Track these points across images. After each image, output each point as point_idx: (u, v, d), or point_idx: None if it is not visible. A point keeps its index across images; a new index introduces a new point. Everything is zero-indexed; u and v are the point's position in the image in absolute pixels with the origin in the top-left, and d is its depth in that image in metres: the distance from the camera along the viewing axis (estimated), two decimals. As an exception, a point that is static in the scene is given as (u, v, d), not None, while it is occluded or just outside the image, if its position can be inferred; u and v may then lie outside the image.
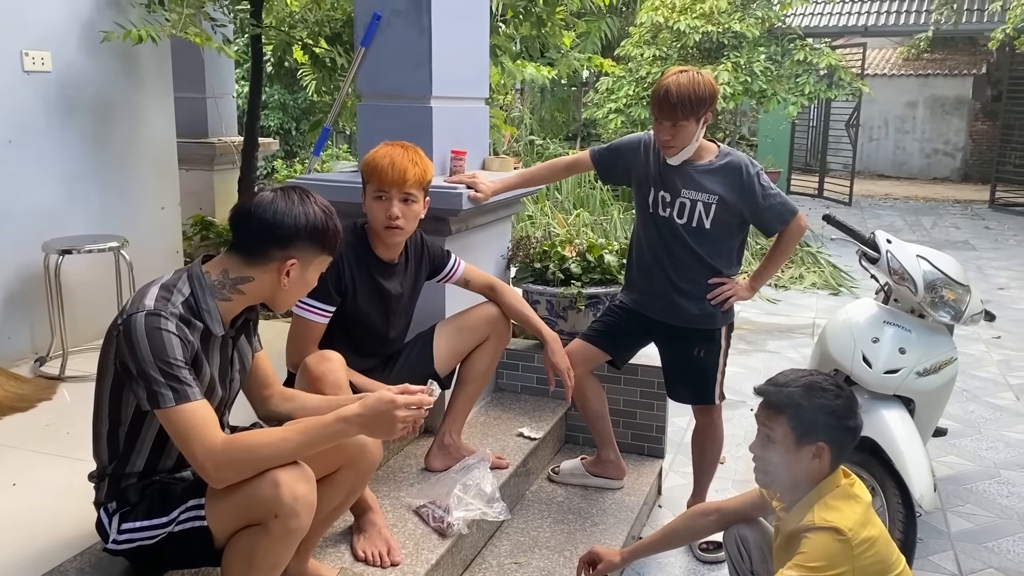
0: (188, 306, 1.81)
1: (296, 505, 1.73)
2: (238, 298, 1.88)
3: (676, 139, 2.79)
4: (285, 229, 1.83)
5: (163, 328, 1.73)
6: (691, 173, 2.86)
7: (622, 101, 10.51)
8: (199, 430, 1.70)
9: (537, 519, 3.05)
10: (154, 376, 1.70)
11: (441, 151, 3.34)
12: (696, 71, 2.78)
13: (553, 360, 2.87)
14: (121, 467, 1.89)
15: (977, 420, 4.59)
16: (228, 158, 5.68)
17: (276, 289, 1.89)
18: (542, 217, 8.03)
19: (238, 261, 1.87)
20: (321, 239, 1.89)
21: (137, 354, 1.71)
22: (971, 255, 9.46)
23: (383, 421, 1.77)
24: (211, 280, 1.85)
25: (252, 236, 1.85)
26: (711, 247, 2.90)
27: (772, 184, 2.91)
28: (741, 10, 10.19)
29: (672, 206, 2.89)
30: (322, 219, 1.88)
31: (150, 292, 1.80)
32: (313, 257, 1.91)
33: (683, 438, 4.09)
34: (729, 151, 2.93)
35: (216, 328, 1.84)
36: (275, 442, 1.74)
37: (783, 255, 3.06)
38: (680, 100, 2.70)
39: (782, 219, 2.90)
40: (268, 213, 1.83)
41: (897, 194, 15.55)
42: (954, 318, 3.11)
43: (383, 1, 3.29)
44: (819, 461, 2.10)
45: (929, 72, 18.22)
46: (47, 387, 3.31)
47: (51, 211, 3.75)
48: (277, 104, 10.76)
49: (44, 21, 3.66)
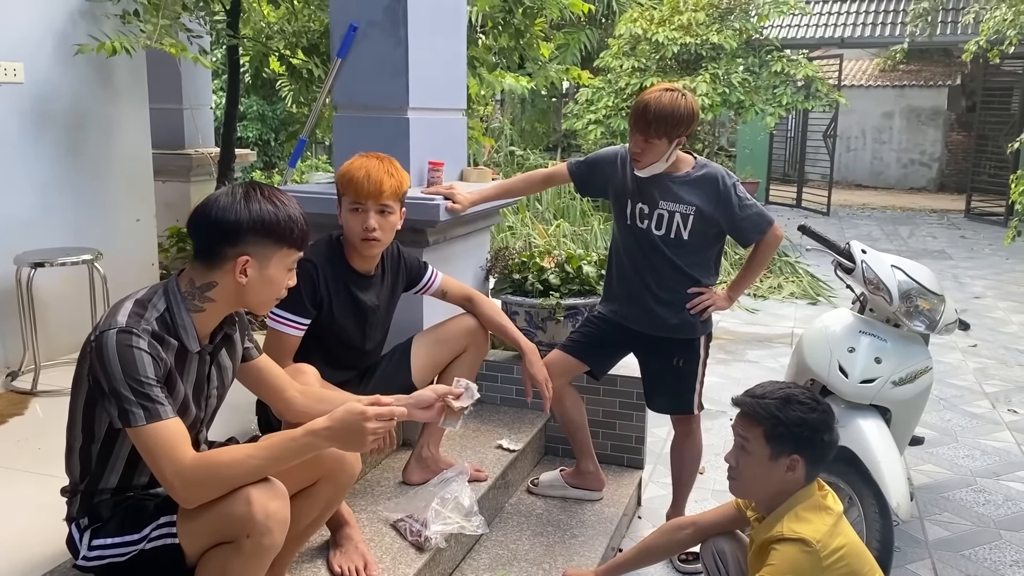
0: (163, 322, 1.78)
1: (268, 522, 1.71)
2: (210, 307, 1.85)
3: (645, 154, 2.80)
4: (229, 224, 1.78)
5: (134, 346, 1.70)
6: (668, 184, 2.87)
7: (601, 112, 10.56)
8: (169, 449, 1.67)
9: (516, 532, 3.04)
10: (125, 394, 1.67)
11: (418, 162, 3.34)
12: (681, 92, 2.79)
13: (531, 371, 2.86)
14: (94, 483, 1.87)
15: (954, 428, 4.62)
16: (205, 169, 5.65)
17: (240, 290, 1.83)
18: (522, 228, 8.04)
19: (200, 268, 1.84)
20: (272, 232, 1.81)
21: (108, 371, 1.69)
22: (947, 264, 9.56)
23: (352, 433, 1.73)
24: (182, 292, 1.83)
25: (203, 238, 1.82)
26: (689, 257, 2.91)
27: (748, 195, 2.93)
28: (719, 22, 10.27)
29: (650, 217, 2.90)
30: (270, 211, 1.81)
31: (123, 308, 1.77)
32: (270, 252, 1.83)
33: (662, 449, 4.09)
34: (706, 163, 2.94)
35: (191, 344, 1.82)
36: (242, 459, 1.70)
37: (760, 265, 3.07)
38: (656, 118, 2.72)
39: (759, 229, 2.92)
40: (212, 212, 1.79)
41: (875, 204, 15.70)
42: (929, 327, 3.13)
43: (359, 12, 3.29)
44: (793, 473, 2.11)
45: (905, 83, 18.46)
46: (19, 402, 3.27)
47: (24, 223, 3.70)
48: (256, 115, 10.73)
49: (16, 32, 3.63)
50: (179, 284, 1.84)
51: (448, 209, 3.09)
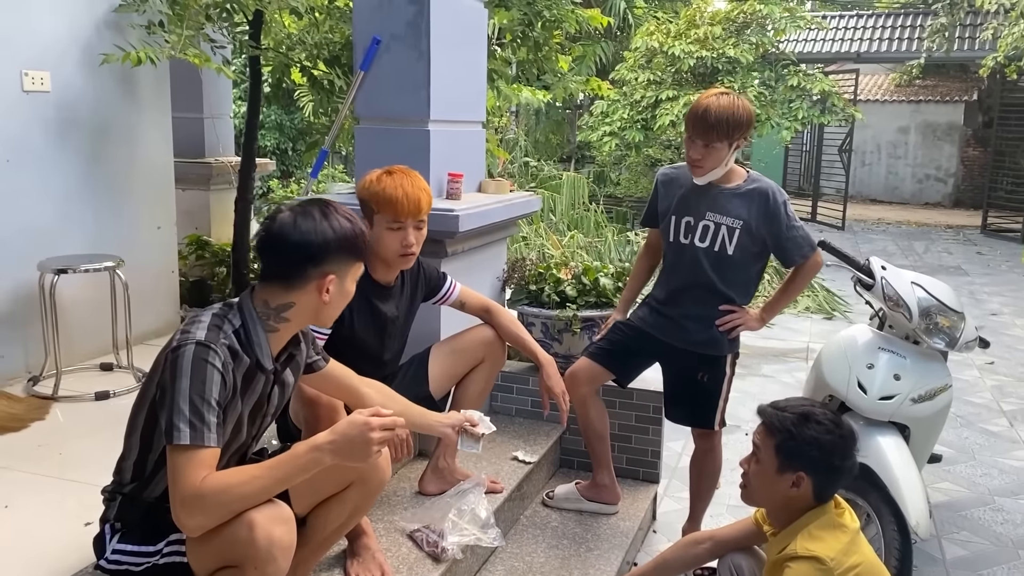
0: (238, 337, 1.80)
1: (272, 549, 1.68)
2: (284, 327, 1.87)
3: (706, 159, 2.77)
4: (315, 247, 1.81)
5: (210, 361, 1.71)
6: (717, 196, 2.85)
7: (616, 124, 10.59)
8: (192, 475, 1.64)
9: (531, 544, 3.04)
10: (181, 407, 1.66)
11: (438, 174, 3.36)
12: (736, 95, 2.77)
13: (548, 384, 2.86)
14: (139, 490, 1.88)
15: (971, 446, 4.59)
16: (224, 178, 5.68)
17: (319, 308, 1.87)
18: (536, 238, 8.06)
19: (276, 289, 1.84)
20: (352, 248, 1.86)
21: (177, 382, 1.69)
22: (963, 280, 9.51)
23: (356, 444, 1.70)
24: (258, 311, 1.84)
25: (284, 260, 1.83)
26: (730, 274, 2.88)
27: (796, 217, 2.89)
28: (735, 36, 10.29)
29: (694, 231, 2.87)
30: (349, 228, 1.85)
31: (202, 323, 1.78)
32: (349, 267, 1.88)
33: (678, 463, 4.08)
34: (758, 177, 2.90)
35: (266, 361, 1.84)
36: (246, 480, 1.67)
37: (797, 289, 3.03)
38: (717, 121, 2.70)
39: (801, 252, 2.88)
40: (295, 234, 1.81)
41: (890, 219, 15.64)
42: (948, 345, 3.12)
43: (382, 25, 3.32)
44: (797, 490, 2.11)
45: (921, 98, 18.39)
46: (40, 407, 3.29)
47: (47, 230, 3.75)
48: (274, 124, 10.81)
49: (44, 41, 3.68)
50: (254, 303, 1.85)
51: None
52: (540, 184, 10.35)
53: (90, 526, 2.30)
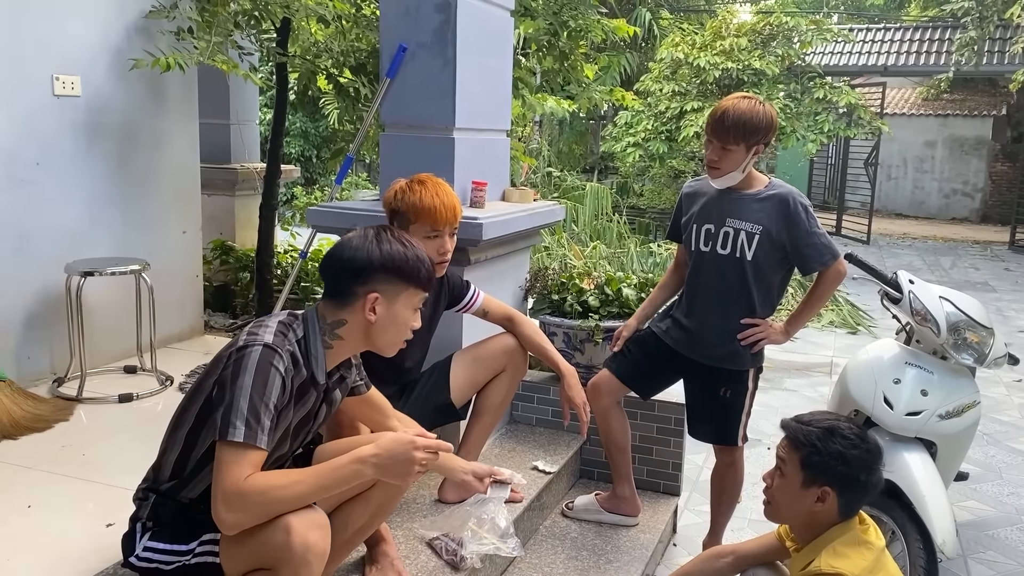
0: (300, 347, 1.84)
1: (307, 554, 1.69)
2: (339, 344, 1.90)
3: (723, 162, 2.76)
4: (360, 263, 1.85)
5: (274, 364, 1.74)
6: (736, 201, 2.83)
7: (640, 135, 10.58)
8: (236, 472, 1.65)
9: (550, 555, 3.02)
10: (240, 404, 1.68)
11: (462, 182, 3.36)
12: (759, 100, 2.76)
13: (569, 394, 2.85)
14: (177, 489, 1.89)
15: (998, 465, 4.52)
16: (250, 184, 5.73)
17: (368, 328, 1.89)
18: (558, 248, 8.04)
19: (331, 306, 1.89)
20: (400, 271, 1.87)
21: (239, 381, 1.71)
22: (991, 296, 9.38)
23: (400, 463, 1.73)
24: (319, 325, 1.88)
25: (335, 276, 1.88)
26: (751, 280, 2.83)
27: (819, 224, 2.84)
28: (761, 48, 10.26)
29: (715, 238, 2.85)
30: (400, 251, 1.88)
31: (269, 327, 1.81)
32: (397, 291, 1.88)
33: (699, 476, 4.05)
34: (779, 183, 2.87)
35: (320, 375, 1.87)
36: (289, 484, 1.69)
37: (820, 299, 2.96)
38: (734, 124, 2.69)
39: (821, 260, 2.81)
40: (346, 252, 1.87)
41: (915, 233, 15.48)
42: (977, 361, 3.07)
43: (409, 33, 3.33)
44: (822, 505, 2.08)
45: (949, 112, 18.21)
46: (64, 408, 3.32)
47: (74, 233, 3.79)
48: (298, 131, 10.89)
49: (75, 46, 3.73)
50: (317, 316, 1.89)
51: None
52: (563, 194, 10.36)
53: (112, 527, 2.32)
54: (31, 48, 3.53)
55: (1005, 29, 14.16)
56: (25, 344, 3.61)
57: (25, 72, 3.52)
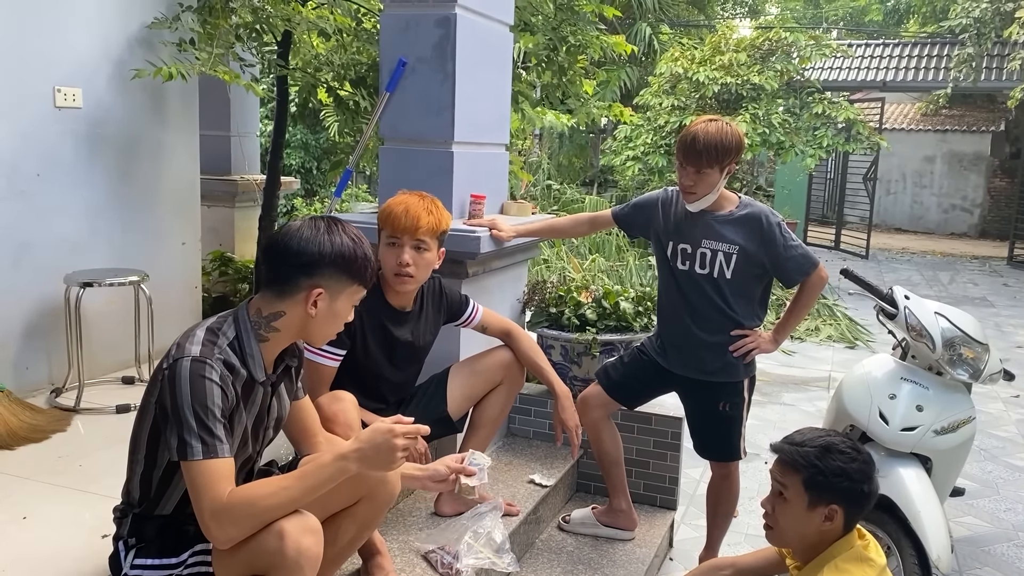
0: (233, 350, 1.80)
1: (300, 559, 1.69)
2: (274, 336, 1.86)
3: (698, 186, 2.80)
4: (309, 256, 1.80)
5: (207, 376, 1.71)
6: (711, 223, 2.86)
7: (640, 149, 10.60)
8: (213, 487, 1.65)
9: (547, 569, 3.01)
10: (189, 423, 1.67)
11: (461, 195, 3.38)
12: (725, 122, 2.81)
13: (562, 416, 2.86)
14: (150, 508, 1.88)
15: (995, 480, 4.52)
16: (249, 195, 5.75)
17: (307, 321, 1.85)
18: (557, 261, 8.06)
19: (270, 297, 1.85)
20: (348, 267, 1.84)
21: (177, 400, 1.69)
22: (989, 312, 9.39)
23: (381, 452, 1.72)
24: (251, 320, 1.84)
25: (279, 267, 1.83)
26: (732, 297, 2.88)
27: (793, 235, 2.90)
28: (760, 63, 10.30)
29: (692, 258, 2.89)
30: (349, 247, 1.84)
31: (196, 337, 1.78)
32: (342, 287, 1.86)
33: (696, 490, 4.04)
34: (750, 202, 2.92)
35: (258, 373, 1.83)
36: (275, 491, 1.68)
37: (805, 307, 3.02)
38: (706, 147, 2.73)
39: (802, 270, 2.88)
40: (293, 241, 1.81)
41: (914, 248, 15.51)
42: (972, 376, 3.08)
43: (409, 47, 3.35)
44: (831, 523, 2.08)
45: (947, 128, 18.28)
46: (62, 418, 3.32)
47: (74, 244, 3.80)
48: (299, 143, 10.91)
49: (78, 58, 3.75)
50: (248, 312, 1.86)
51: (493, 235, 3.13)
52: (562, 207, 10.37)
53: (107, 538, 2.31)
54: (33, 60, 3.55)
55: (1003, 46, 14.22)
56: (23, 354, 3.61)
57: (27, 84, 3.55)
